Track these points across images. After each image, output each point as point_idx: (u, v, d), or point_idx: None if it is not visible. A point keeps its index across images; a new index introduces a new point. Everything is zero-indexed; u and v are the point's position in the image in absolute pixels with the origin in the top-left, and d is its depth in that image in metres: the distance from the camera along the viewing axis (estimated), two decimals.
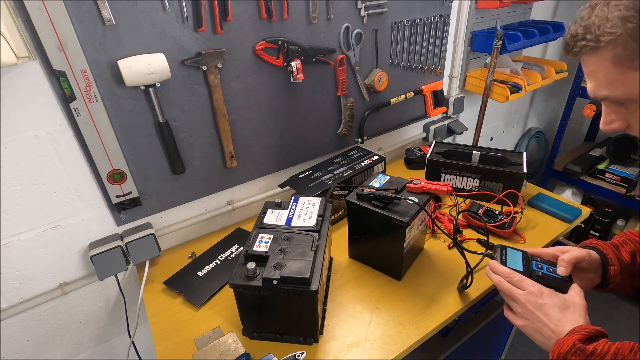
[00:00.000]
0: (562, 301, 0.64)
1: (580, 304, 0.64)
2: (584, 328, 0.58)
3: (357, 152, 1.26)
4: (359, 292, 0.90)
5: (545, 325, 0.62)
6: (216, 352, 0.65)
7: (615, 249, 0.73)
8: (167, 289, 0.94)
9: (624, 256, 0.72)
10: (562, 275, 0.68)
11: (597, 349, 0.55)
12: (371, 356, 0.75)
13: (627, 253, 0.73)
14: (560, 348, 0.58)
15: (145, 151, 0.94)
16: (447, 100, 1.59)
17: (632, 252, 0.73)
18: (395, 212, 0.83)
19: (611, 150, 2.08)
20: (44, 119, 0.81)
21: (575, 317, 0.61)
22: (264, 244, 0.76)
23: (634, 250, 0.73)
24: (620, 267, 0.71)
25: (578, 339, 0.57)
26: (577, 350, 0.56)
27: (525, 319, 0.66)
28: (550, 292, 0.65)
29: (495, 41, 1.34)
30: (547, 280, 0.68)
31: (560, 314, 0.62)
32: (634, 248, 0.73)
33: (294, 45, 1.03)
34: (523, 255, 0.74)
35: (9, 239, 0.87)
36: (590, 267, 0.72)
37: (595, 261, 0.72)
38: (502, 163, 1.15)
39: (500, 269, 0.71)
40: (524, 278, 0.68)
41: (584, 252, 0.70)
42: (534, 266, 0.71)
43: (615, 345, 0.55)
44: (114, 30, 0.79)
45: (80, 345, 1.09)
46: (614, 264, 0.71)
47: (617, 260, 0.71)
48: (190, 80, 0.92)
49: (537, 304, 0.64)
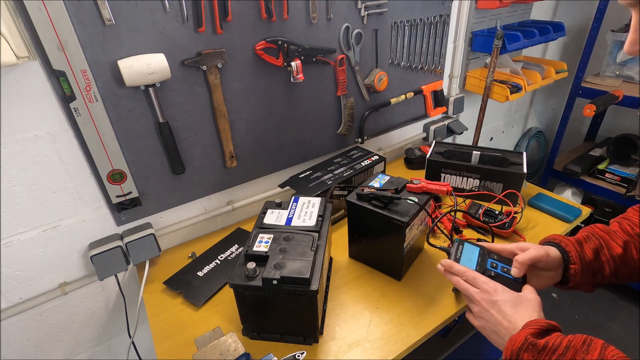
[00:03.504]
0: (515, 297, 0.62)
1: (534, 299, 0.63)
2: (536, 322, 0.57)
3: (357, 152, 1.26)
4: (359, 292, 0.90)
5: (499, 322, 0.61)
6: (216, 352, 0.65)
7: (579, 246, 0.71)
8: (167, 289, 0.94)
9: (587, 253, 0.70)
10: (515, 277, 0.67)
11: (548, 343, 0.54)
12: (371, 356, 0.75)
13: (590, 249, 0.70)
14: (513, 345, 0.56)
15: (145, 151, 0.94)
16: (447, 100, 1.59)
17: (596, 249, 0.70)
18: (395, 212, 0.83)
19: (611, 150, 2.08)
20: (44, 119, 0.81)
21: (528, 312, 0.60)
22: (264, 244, 0.76)
23: (597, 247, 0.71)
24: (582, 265, 0.69)
25: (530, 333, 0.56)
26: (529, 345, 0.55)
27: (481, 318, 0.65)
28: (504, 289, 0.64)
29: (495, 41, 1.34)
30: (499, 280, 0.66)
31: (513, 310, 0.61)
32: (597, 244, 0.71)
33: (294, 45, 1.03)
34: (480, 252, 0.72)
35: (9, 239, 0.87)
36: (548, 266, 0.70)
37: (555, 260, 0.70)
38: (502, 163, 1.15)
39: (456, 268, 0.69)
40: (478, 276, 0.66)
41: (542, 252, 0.68)
42: (489, 265, 0.69)
43: (568, 339, 0.54)
44: (114, 30, 0.79)
45: (80, 345, 1.09)
46: (575, 263, 0.69)
47: (578, 258, 0.69)
48: (190, 80, 0.92)
49: (490, 301, 0.63)
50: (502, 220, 1.03)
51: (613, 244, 0.71)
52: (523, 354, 0.55)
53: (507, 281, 0.67)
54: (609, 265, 0.69)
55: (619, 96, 1.82)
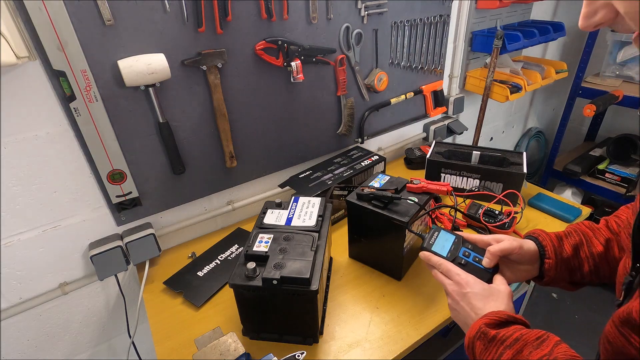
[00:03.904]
0: (486, 289, 0.62)
1: (504, 291, 0.62)
2: (495, 313, 0.57)
3: (357, 152, 1.26)
4: (359, 292, 0.90)
5: (468, 314, 0.61)
6: (216, 352, 0.65)
7: (558, 241, 0.69)
8: (167, 289, 0.94)
9: (566, 249, 0.68)
10: (486, 267, 0.67)
11: (499, 333, 0.54)
12: (371, 356, 0.75)
13: (569, 246, 0.68)
14: (470, 332, 0.57)
15: (145, 151, 0.94)
16: (447, 100, 1.59)
17: (575, 245, 0.68)
18: (395, 212, 0.83)
19: (611, 150, 2.09)
20: (44, 119, 0.81)
21: (496, 304, 0.60)
22: (264, 244, 0.76)
23: (577, 243, 0.68)
24: (557, 260, 0.67)
25: (485, 323, 0.56)
26: (481, 334, 0.55)
27: (454, 309, 0.65)
28: (475, 281, 0.63)
29: (495, 41, 1.34)
30: (468, 269, 0.66)
31: (481, 303, 0.60)
32: (577, 240, 0.69)
33: (294, 45, 1.03)
34: (455, 240, 0.72)
35: (9, 239, 0.87)
36: (522, 259, 0.68)
37: (529, 253, 0.68)
38: (502, 163, 1.15)
39: (433, 259, 0.69)
40: (452, 268, 0.66)
41: (514, 244, 0.67)
42: (461, 253, 0.69)
43: (521, 332, 0.53)
44: (114, 30, 0.79)
45: (80, 345, 1.09)
46: (550, 257, 0.67)
47: (554, 253, 0.67)
48: (190, 80, 0.92)
49: (461, 293, 0.63)
50: (502, 220, 1.03)
51: (595, 241, 0.69)
52: (476, 341, 0.56)
53: (478, 270, 0.67)
54: (588, 262, 0.68)
55: (619, 96, 1.82)
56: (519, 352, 0.51)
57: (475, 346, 0.56)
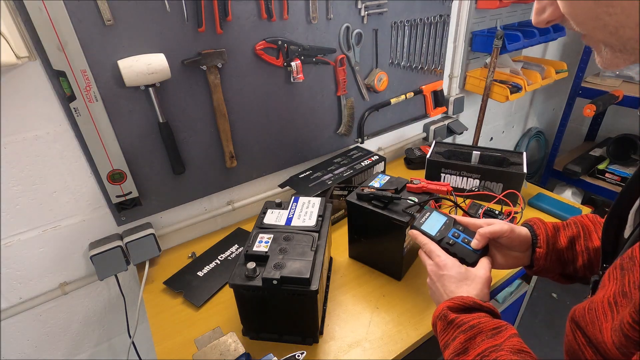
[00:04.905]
0: (462, 273, 0.62)
1: (482, 276, 0.62)
2: (460, 298, 0.57)
3: (357, 152, 1.26)
4: (359, 292, 0.90)
5: (441, 296, 0.62)
6: (216, 352, 0.65)
7: (554, 231, 0.68)
8: (167, 289, 0.94)
9: (561, 240, 0.67)
10: (474, 248, 0.66)
11: (457, 317, 0.54)
12: (371, 356, 0.75)
13: (565, 237, 0.67)
14: (435, 312, 0.59)
15: (145, 151, 0.94)
16: (447, 100, 1.59)
17: (572, 237, 0.66)
18: (395, 212, 0.83)
19: (611, 150, 2.09)
20: (44, 119, 0.81)
21: (469, 289, 0.60)
22: (264, 244, 0.76)
23: (573, 235, 0.66)
24: (548, 250, 0.66)
25: (448, 306, 0.57)
26: (442, 315, 0.56)
27: (430, 288, 0.66)
28: (454, 263, 0.63)
29: (495, 41, 1.34)
30: (456, 249, 0.66)
31: (454, 285, 0.61)
32: (575, 233, 0.67)
33: (294, 45, 1.03)
34: (447, 221, 0.71)
35: (9, 239, 0.87)
36: (512, 243, 0.67)
37: (519, 238, 0.67)
38: (502, 163, 1.15)
39: (419, 238, 0.69)
40: (435, 249, 0.66)
41: (505, 228, 0.66)
42: (451, 234, 0.69)
43: (479, 320, 0.53)
44: (114, 30, 0.79)
45: (80, 345, 1.09)
46: (540, 247, 0.66)
47: (546, 242, 0.66)
48: (190, 80, 0.92)
49: (438, 274, 0.63)
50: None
51: (594, 235, 0.66)
52: (437, 321, 0.58)
53: (465, 251, 0.66)
54: (583, 256, 0.65)
55: (619, 96, 1.82)
56: (471, 338, 0.52)
57: (437, 325, 0.58)
